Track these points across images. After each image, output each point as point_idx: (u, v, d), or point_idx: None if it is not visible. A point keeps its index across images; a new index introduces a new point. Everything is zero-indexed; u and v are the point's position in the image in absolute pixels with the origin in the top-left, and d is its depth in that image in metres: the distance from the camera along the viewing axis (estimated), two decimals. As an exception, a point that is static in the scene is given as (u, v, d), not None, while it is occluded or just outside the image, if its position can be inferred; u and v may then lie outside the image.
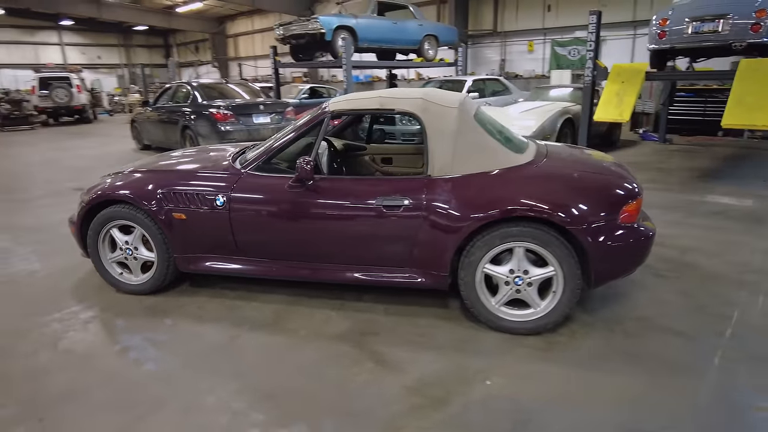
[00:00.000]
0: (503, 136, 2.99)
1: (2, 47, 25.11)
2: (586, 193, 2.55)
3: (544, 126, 7.49)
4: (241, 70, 22.54)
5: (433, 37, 12.65)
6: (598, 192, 2.58)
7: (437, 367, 2.42)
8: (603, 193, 2.58)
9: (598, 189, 2.60)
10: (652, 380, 2.26)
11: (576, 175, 2.68)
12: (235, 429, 2.03)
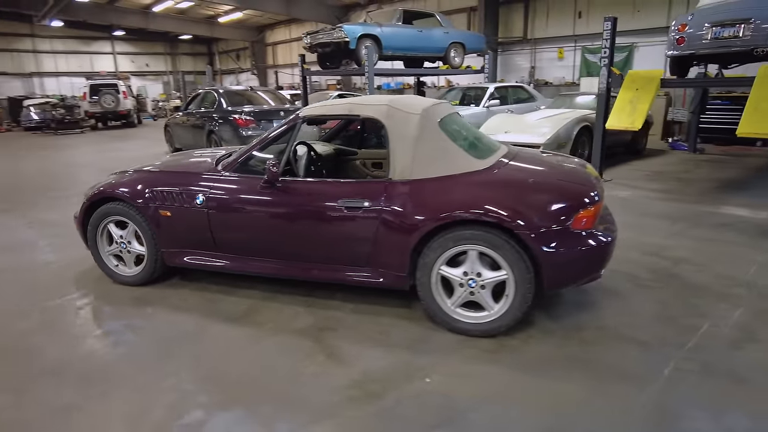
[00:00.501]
0: (469, 142, 3.05)
1: (61, 56, 26.90)
2: (538, 198, 2.58)
3: (559, 133, 7.41)
4: (277, 77, 23.24)
5: (460, 44, 12.66)
6: (551, 198, 2.60)
7: (384, 363, 2.50)
8: (555, 199, 2.59)
9: (551, 195, 2.62)
10: (594, 388, 2.26)
11: (531, 180, 2.71)
12: (179, 407, 2.19)
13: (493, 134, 8.02)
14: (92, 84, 18.38)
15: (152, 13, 22.72)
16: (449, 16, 16.99)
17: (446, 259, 2.67)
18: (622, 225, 4.65)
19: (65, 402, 2.27)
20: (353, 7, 20.14)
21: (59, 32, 25.47)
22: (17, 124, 19.39)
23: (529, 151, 3.38)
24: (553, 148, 7.34)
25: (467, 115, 9.66)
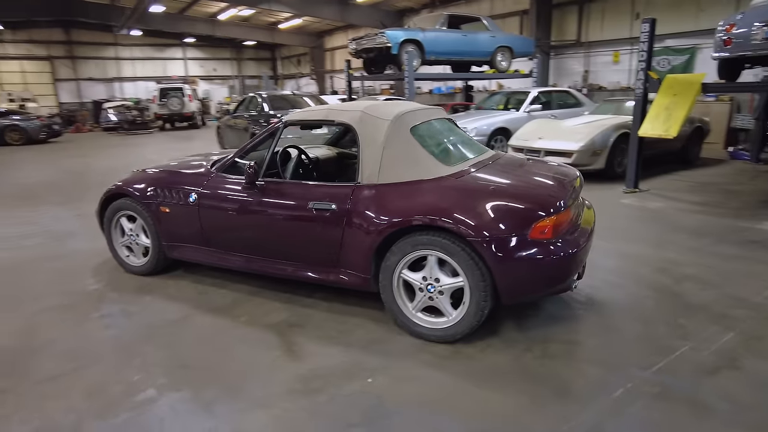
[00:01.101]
0: (443, 148, 3.06)
1: (139, 62, 29.10)
2: (494, 206, 2.55)
3: (594, 141, 7.11)
4: (332, 82, 23.83)
5: (507, 48, 12.44)
6: (508, 206, 2.55)
7: (335, 361, 2.58)
8: (512, 207, 2.55)
9: (509, 203, 2.57)
10: (531, 403, 2.20)
11: (491, 188, 2.68)
12: (137, 385, 2.39)
13: (526, 140, 7.86)
14: (161, 88, 19.78)
15: (218, 21, 24.07)
16: (501, 19, 16.72)
17: (407, 264, 2.71)
18: (640, 238, 4.49)
19: (46, 374, 2.54)
20: (407, 11, 20.28)
21: (138, 40, 27.58)
22: (98, 125, 21.22)
23: (512, 158, 3.32)
24: (587, 156, 7.08)
25: (506, 119, 9.50)
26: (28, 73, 26.06)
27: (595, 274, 3.65)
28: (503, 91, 12.15)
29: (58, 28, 25.36)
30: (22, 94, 23.57)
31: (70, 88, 27.26)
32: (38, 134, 15.52)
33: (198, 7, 21.99)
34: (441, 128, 3.32)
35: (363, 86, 23.16)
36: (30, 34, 25.13)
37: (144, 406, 2.25)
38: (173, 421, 2.15)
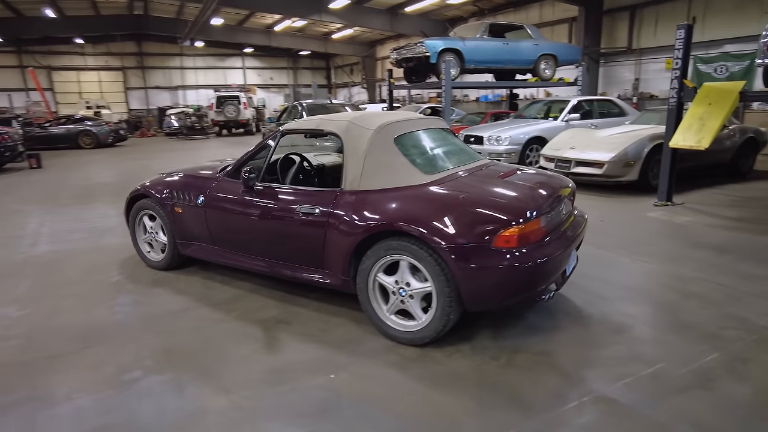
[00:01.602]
0: (427, 157, 3.15)
1: (201, 71, 30.86)
2: (460, 214, 2.61)
3: (627, 151, 6.87)
4: (380, 90, 24.20)
5: (551, 56, 12.22)
6: (473, 214, 2.60)
7: (307, 357, 2.73)
8: (478, 215, 2.59)
9: (475, 212, 2.62)
10: (480, 409, 2.23)
11: (461, 197, 2.73)
12: (128, 366, 2.65)
13: (557, 150, 7.72)
14: (218, 96, 20.92)
15: (274, 31, 25.14)
16: (550, 27, 16.40)
17: (382, 267, 2.82)
18: (656, 253, 4.34)
19: (57, 350, 2.86)
20: (456, 21, 20.29)
21: (200, 51, 29.27)
22: (162, 130, 22.73)
23: (499, 167, 3.33)
24: (619, 167, 6.86)
25: (542, 129, 9.34)
26: (104, 83, 28.33)
27: (594, 286, 3.60)
28: (544, 99, 11.93)
29: (131, 41, 27.42)
30: (97, 101, 25.62)
31: (140, 96, 29.34)
32: (107, 139, 16.87)
33: (255, 18, 23.09)
34: (432, 138, 3.41)
35: (410, 95, 23.38)
36: (107, 48, 27.34)
37: (128, 384, 2.50)
38: (148, 399, 2.37)
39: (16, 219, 6.31)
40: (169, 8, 21.93)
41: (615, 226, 5.34)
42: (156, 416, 2.25)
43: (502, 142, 9.22)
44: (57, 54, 26.66)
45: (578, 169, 7.26)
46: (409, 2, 18.51)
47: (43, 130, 16.14)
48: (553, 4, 15.76)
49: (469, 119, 13.46)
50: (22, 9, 19.94)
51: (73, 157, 13.82)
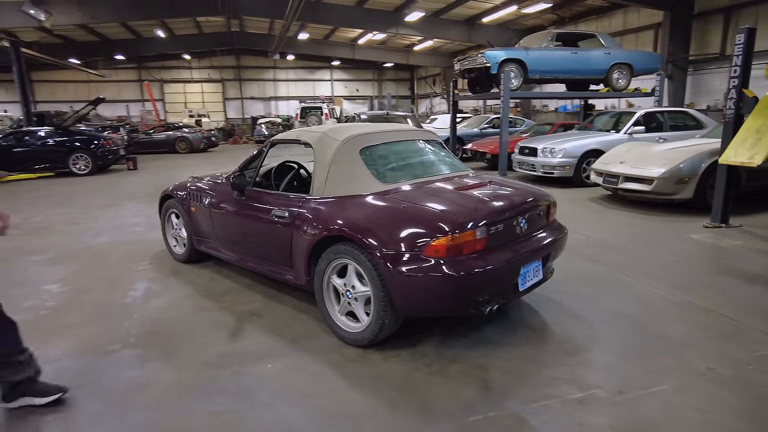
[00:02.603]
0: (391, 167, 3.27)
1: (292, 84, 32.93)
2: (396, 222, 2.69)
3: (681, 168, 6.35)
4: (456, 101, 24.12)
5: (626, 65, 11.55)
6: (408, 223, 2.67)
7: (260, 347, 2.97)
8: (412, 224, 2.66)
9: (410, 220, 2.68)
10: (389, 410, 2.31)
11: (403, 206, 2.81)
12: (113, 340, 3.07)
13: (607, 164, 7.34)
14: (302, 107, 22.22)
15: (357, 45, 26.16)
16: (634, 34, 15.42)
17: (335, 270, 2.98)
18: (675, 277, 4.09)
19: (69, 321, 3.38)
20: (535, 30, 19.74)
21: (292, 64, 31.27)
22: (253, 138, 24.58)
23: (464, 179, 3.30)
24: (671, 184, 6.37)
25: (600, 141, 8.88)
26: (206, 93, 31.29)
27: (576, 305, 3.48)
28: (612, 110, 11.26)
29: (230, 56, 30.02)
30: (199, 110, 28.37)
31: (236, 106, 31.97)
32: (200, 144, 18.65)
33: (339, 33, 24.24)
34: (406, 150, 3.52)
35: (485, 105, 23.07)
36: (210, 62, 30.19)
37: (105, 354, 2.91)
38: (114, 368, 2.76)
39: (95, 213, 7.32)
40: (261, 25, 23.79)
41: (644, 246, 5.00)
42: (113, 382, 2.62)
43: (556, 155, 8.89)
44: (168, 69, 29.98)
45: (626, 185, 6.83)
46: (486, 13, 18.38)
47: (147, 136, 18.28)
48: (638, 10, 14.82)
49: (536, 129, 13.06)
50: (140, 31, 22.78)
51: (168, 161, 15.49)
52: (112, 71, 27.71)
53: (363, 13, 19.16)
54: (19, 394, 2.35)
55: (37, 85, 27.89)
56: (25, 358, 2.36)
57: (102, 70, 25.74)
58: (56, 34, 21.20)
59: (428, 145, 3.75)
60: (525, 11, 17.34)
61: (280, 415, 2.30)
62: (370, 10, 19.03)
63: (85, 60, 24.83)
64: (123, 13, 17.30)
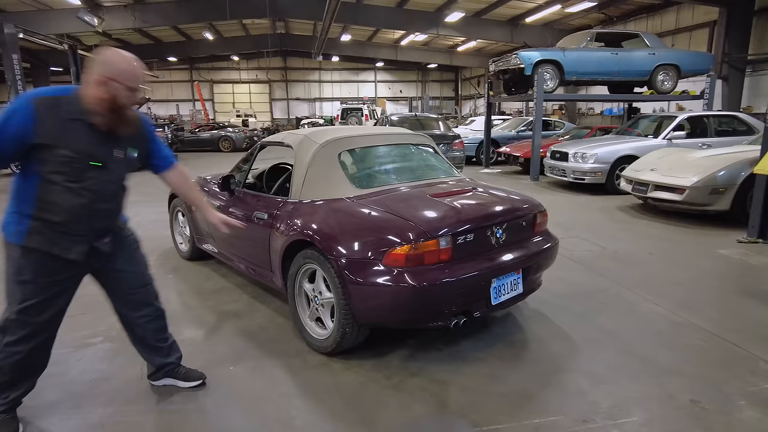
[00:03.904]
0: (369, 172, 3.21)
1: (336, 85, 33.35)
2: (359, 229, 2.63)
3: (716, 177, 5.91)
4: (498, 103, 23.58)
5: (672, 66, 10.92)
6: (371, 230, 2.60)
7: (229, 348, 2.98)
8: (374, 231, 2.58)
9: (373, 227, 2.61)
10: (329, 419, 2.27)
11: (367, 212, 2.72)
12: (96, 332, 3.18)
13: (638, 171, 6.95)
14: (343, 108, 22.45)
15: (400, 46, 26.13)
16: (688, 33, 14.51)
17: (306, 274, 2.95)
18: (687, 297, 3.79)
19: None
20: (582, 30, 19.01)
21: (336, 65, 31.69)
22: (293, 138, 25.09)
23: (446, 185, 3.18)
24: (704, 194, 5.94)
25: (635, 147, 8.42)
26: (253, 94, 32.25)
27: (566, 321, 3.30)
28: (654, 114, 10.64)
29: (277, 57, 30.78)
30: (246, 111, 29.27)
31: (282, 107, 32.74)
32: (242, 143, 19.20)
33: (381, 34, 24.31)
34: (391, 154, 3.45)
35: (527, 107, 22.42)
36: (258, 63, 31.08)
37: (83, 347, 3.02)
38: (87, 360, 2.85)
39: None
40: (305, 27, 24.24)
41: (661, 260, 4.67)
42: (81, 373, 2.71)
43: (588, 160, 8.50)
44: (218, 70, 31.11)
45: (656, 194, 6.43)
46: (529, 13, 17.88)
47: (193, 134, 19.03)
48: (692, 8, 13.96)
49: (574, 133, 12.56)
50: (190, 33, 23.78)
51: (209, 159, 16.05)
52: (165, 72, 29.08)
53: (403, 14, 19.11)
54: (163, 375, 2.54)
55: (98, 85, 29.65)
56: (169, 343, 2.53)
57: (156, 71, 27.04)
58: (114, 37, 22.47)
59: (418, 150, 3.66)
60: (569, 10, 16.73)
61: (222, 418, 2.30)
62: (411, 11, 18.95)
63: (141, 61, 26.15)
64: (172, 16, 18.10)
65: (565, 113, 22.14)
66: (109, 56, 1.97)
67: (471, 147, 13.06)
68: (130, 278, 2.33)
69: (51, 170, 1.92)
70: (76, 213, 1.99)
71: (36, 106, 1.88)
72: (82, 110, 1.94)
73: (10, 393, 2.16)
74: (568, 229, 5.86)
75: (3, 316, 2.08)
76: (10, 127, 1.86)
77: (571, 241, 5.28)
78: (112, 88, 1.93)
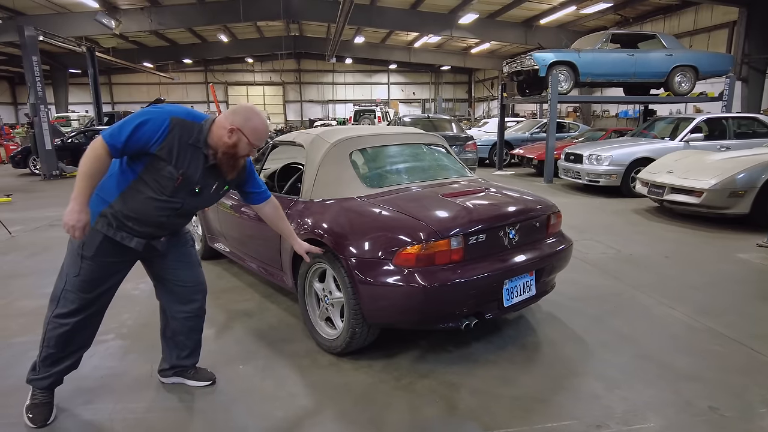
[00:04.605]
0: (380, 171, 3.18)
1: (350, 87, 33.45)
2: (370, 228, 2.61)
3: (735, 179, 5.78)
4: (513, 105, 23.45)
5: (690, 67, 10.75)
6: (381, 230, 2.57)
7: (239, 347, 2.98)
8: (385, 231, 2.56)
9: (383, 227, 2.59)
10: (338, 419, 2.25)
11: (378, 211, 2.70)
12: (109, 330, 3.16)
13: (654, 173, 6.84)
14: (356, 110, 22.50)
15: (413, 48, 26.12)
16: (707, 33, 14.28)
17: (316, 274, 2.94)
18: (705, 301, 3.71)
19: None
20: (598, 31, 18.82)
21: (350, 67, 31.79)
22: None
23: (458, 185, 3.15)
24: (723, 197, 5.82)
25: (651, 149, 8.28)
26: (267, 96, 32.46)
27: (581, 324, 3.26)
28: (671, 116, 10.46)
29: (290, 59, 30.97)
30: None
31: (296, 108, 32.92)
32: (255, 145, 19.34)
33: (394, 36, 24.33)
34: (403, 153, 3.42)
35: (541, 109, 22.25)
36: (272, 65, 31.30)
37: (94, 343, 2.99)
38: (99, 357, 2.86)
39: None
40: (319, 29, 24.36)
41: (678, 264, 4.58)
42: (92, 370, 2.72)
43: (602, 162, 8.39)
44: (232, 72, 31.40)
45: (672, 197, 6.31)
46: (543, 15, 17.75)
47: (207, 136, 19.18)
48: (710, 8, 13.73)
49: (589, 135, 12.42)
50: (206, 36, 24.04)
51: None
52: (180, 74, 29.44)
53: (417, 16, 19.10)
54: (173, 374, 2.57)
55: (116, 87, 30.16)
56: (195, 346, 2.57)
57: (171, 73, 27.38)
58: (131, 40, 22.79)
59: (430, 150, 3.63)
60: (584, 12, 16.56)
61: (230, 417, 2.29)
62: (424, 13, 18.93)
63: (157, 63, 26.54)
64: (187, 18, 18.32)
65: (579, 115, 21.93)
66: (249, 112, 2.10)
67: (484, 149, 12.99)
68: (181, 271, 2.39)
69: (150, 177, 2.03)
70: (150, 220, 2.11)
71: (171, 125, 1.98)
72: (205, 142, 2.05)
73: (52, 367, 2.23)
74: (583, 231, 5.78)
75: (58, 287, 2.17)
76: (141, 132, 1.93)
77: (585, 244, 5.21)
78: (239, 138, 2.05)
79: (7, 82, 30.10)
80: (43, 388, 2.26)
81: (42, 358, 2.22)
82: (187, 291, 2.42)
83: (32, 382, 2.26)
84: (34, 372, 2.25)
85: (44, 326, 2.20)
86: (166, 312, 2.49)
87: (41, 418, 2.22)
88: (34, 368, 2.26)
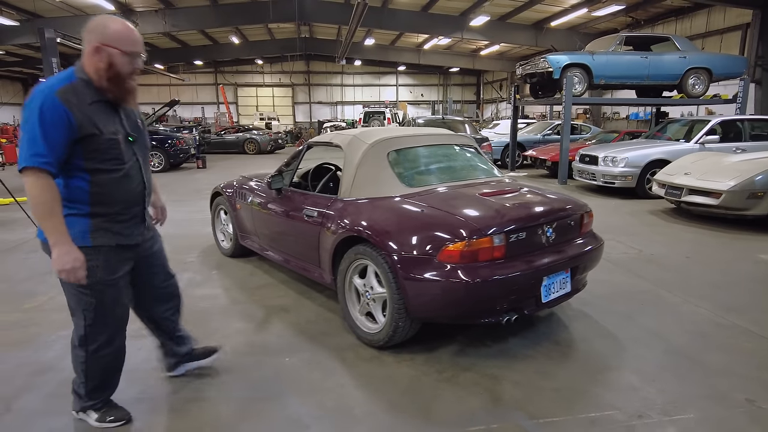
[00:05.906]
0: (417, 171, 3.28)
1: (359, 89, 33.60)
2: (414, 225, 2.71)
3: (754, 180, 5.84)
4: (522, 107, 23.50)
5: (703, 70, 10.79)
6: (425, 227, 2.68)
7: (282, 340, 3.09)
8: (429, 228, 2.66)
9: (427, 225, 2.69)
10: (387, 410, 2.34)
11: (422, 210, 2.80)
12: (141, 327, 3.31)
13: (671, 175, 6.90)
14: (365, 111, 22.65)
15: (423, 50, 26.22)
16: (719, 35, 14.29)
17: (356, 270, 3.04)
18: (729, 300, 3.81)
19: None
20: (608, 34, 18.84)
21: (359, 69, 31.93)
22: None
23: (494, 185, 3.25)
24: (742, 199, 5.89)
25: (666, 151, 8.33)
26: (276, 97, 32.65)
27: (610, 321, 3.34)
28: (684, 118, 10.51)
29: (300, 61, 31.15)
30: (269, 114, 29.66)
31: (305, 110, 33.09)
32: (267, 146, 19.49)
33: (404, 38, 24.44)
34: (437, 154, 3.52)
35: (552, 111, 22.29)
36: (281, 67, 31.49)
37: (140, 337, 3.05)
38: (147, 349, 2.95)
39: (161, 207, 7.87)
40: (329, 31, 24.51)
41: (699, 263, 4.65)
42: (142, 362, 2.83)
43: (618, 164, 8.45)
44: (242, 73, 31.61)
45: (690, 198, 6.37)
46: (554, 17, 17.80)
47: (219, 137, 19.38)
48: (723, 10, 13.75)
49: (601, 137, 12.47)
50: (217, 37, 24.24)
51: (235, 161, 16.34)
52: (191, 75, 29.67)
53: (428, 18, 19.20)
54: (185, 361, 2.60)
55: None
56: (186, 331, 2.61)
57: (182, 74, 27.61)
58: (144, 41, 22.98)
59: (462, 150, 3.73)
60: (596, 14, 16.60)
61: (284, 406, 2.39)
62: (435, 15, 19.03)
63: (168, 65, 26.78)
64: (200, 21, 18.51)
65: (590, 117, 21.96)
66: (102, 22, 1.84)
67: (496, 150, 13.04)
68: (160, 270, 2.35)
69: (99, 159, 1.85)
70: (131, 196, 1.99)
71: (63, 99, 1.75)
72: (95, 91, 1.85)
73: (104, 393, 2.22)
74: (602, 232, 5.72)
75: (80, 326, 2.04)
76: (50, 127, 1.73)
77: (606, 244, 5.24)
78: (109, 54, 1.81)
79: (20, 83, 30.45)
80: (102, 408, 2.21)
81: (89, 390, 2.16)
82: (169, 289, 2.42)
83: (87, 409, 2.19)
84: (84, 400, 2.18)
85: (80, 365, 2.10)
86: (153, 317, 2.43)
87: (121, 415, 2.22)
88: (80, 397, 2.18)
